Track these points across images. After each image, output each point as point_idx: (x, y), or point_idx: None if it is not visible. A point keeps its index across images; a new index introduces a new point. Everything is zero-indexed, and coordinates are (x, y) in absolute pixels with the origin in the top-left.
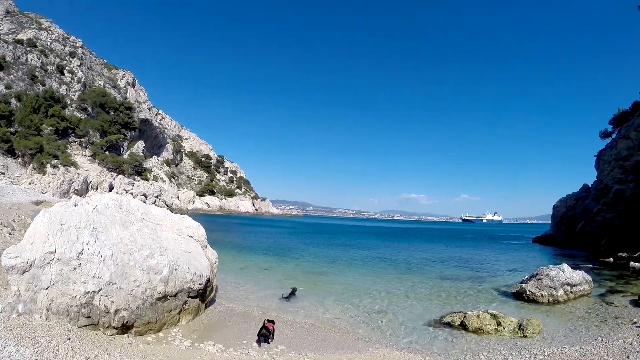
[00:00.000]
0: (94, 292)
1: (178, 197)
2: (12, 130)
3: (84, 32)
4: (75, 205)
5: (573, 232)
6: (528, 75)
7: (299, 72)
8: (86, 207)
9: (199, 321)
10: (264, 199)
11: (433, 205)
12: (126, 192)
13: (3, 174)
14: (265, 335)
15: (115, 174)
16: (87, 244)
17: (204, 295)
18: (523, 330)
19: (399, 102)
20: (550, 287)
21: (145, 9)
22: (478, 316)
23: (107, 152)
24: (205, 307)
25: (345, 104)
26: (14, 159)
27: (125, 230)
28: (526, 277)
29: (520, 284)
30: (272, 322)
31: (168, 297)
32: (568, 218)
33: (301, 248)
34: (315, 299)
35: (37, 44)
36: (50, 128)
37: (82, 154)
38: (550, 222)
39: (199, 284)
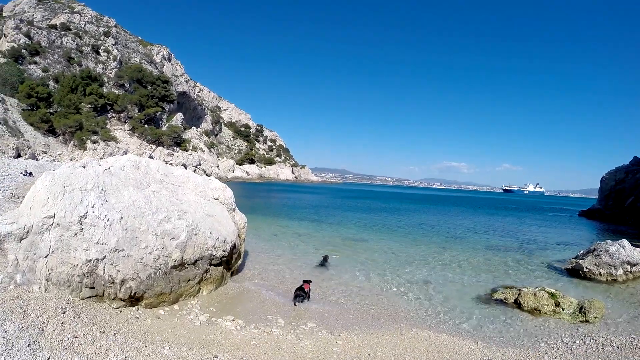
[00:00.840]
0: (97, 259)
1: (218, 166)
2: (51, 110)
3: (117, 13)
4: (84, 167)
5: (622, 207)
6: (575, 42)
7: (341, 42)
8: (96, 169)
9: (223, 292)
10: (303, 167)
11: (474, 174)
12: (166, 163)
13: (45, 152)
14: (300, 295)
15: (155, 146)
16: (92, 207)
17: (230, 262)
18: (585, 313)
19: (442, 71)
20: (610, 265)
21: None
22: (535, 294)
23: (145, 126)
24: (232, 276)
25: (386, 72)
26: (55, 137)
27: (139, 192)
28: (581, 252)
29: (574, 260)
30: (309, 282)
31: (186, 265)
32: (617, 192)
33: (339, 214)
34: (351, 268)
35: (71, 27)
36: (89, 106)
37: (121, 129)
38: (594, 196)
39: (223, 251)
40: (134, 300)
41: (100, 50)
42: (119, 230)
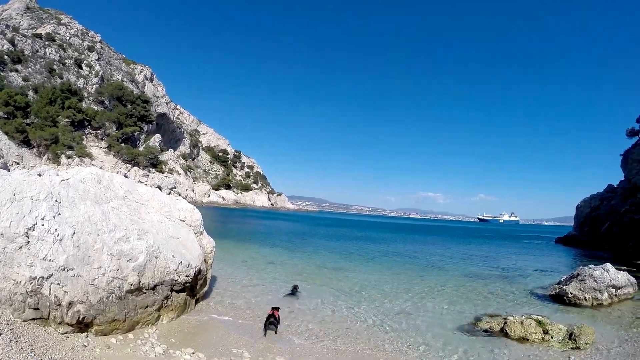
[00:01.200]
0: (42, 277)
1: (193, 190)
2: (28, 121)
3: (103, 28)
4: (39, 175)
5: (598, 233)
6: (543, 74)
7: (317, 70)
8: (52, 178)
9: (185, 320)
10: (279, 194)
11: (449, 204)
12: (141, 184)
13: (18, 163)
14: (272, 323)
15: (131, 165)
16: (42, 218)
17: (194, 289)
18: (575, 340)
19: (417, 101)
20: (595, 289)
21: (163, 6)
22: (522, 322)
23: (122, 144)
24: (196, 303)
25: (363, 103)
26: (29, 149)
27: (97, 207)
28: (564, 277)
29: (557, 285)
30: (277, 308)
31: (143, 290)
32: (592, 219)
33: (314, 242)
34: (325, 298)
35: (56, 38)
36: (67, 120)
37: (97, 146)
38: (567, 224)
39: (186, 276)
40: (82, 325)
41: (82, 65)
42: (70, 247)
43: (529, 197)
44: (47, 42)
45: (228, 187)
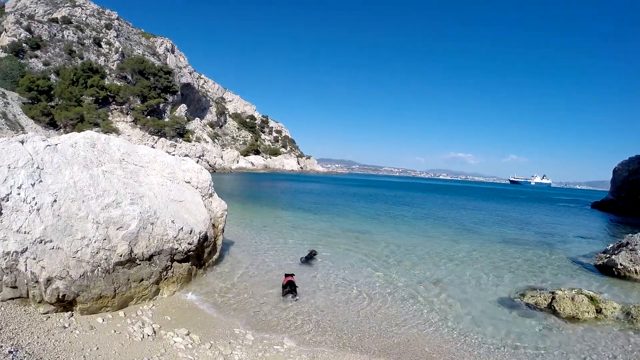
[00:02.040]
0: (16, 252)
1: (222, 157)
2: (52, 104)
3: (119, 6)
4: (22, 142)
5: (636, 199)
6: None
7: (343, 29)
8: (36, 144)
9: (187, 294)
10: (309, 157)
11: (480, 165)
12: (168, 154)
13: None
14: (290, 291)
15: (157, 137)
16: (18, 187)
17: (200, 257)
18: (632, 320)
19: (448, 61)
20: None
21: None
22: (572, 299)
23: (148, 117)
24: (204, 272)
25: (393, 61)
26: (56, 130)
27: (85, 171)
28: (610, 246)
29: (604, 255)
30: (292, 275)
31: (136, 262)
32: (630, 183)
33: (341, 203)
34: (348, 265)
35: (73, 20)
36: (90, 98)
37: (123, 120)
38: (601, 188)
39: (188, 244)
40: (66, 304)
41: (102, 43)
42: (49, 216)
43: (562, 159)
44: (64, 25)
45: (257, 152)
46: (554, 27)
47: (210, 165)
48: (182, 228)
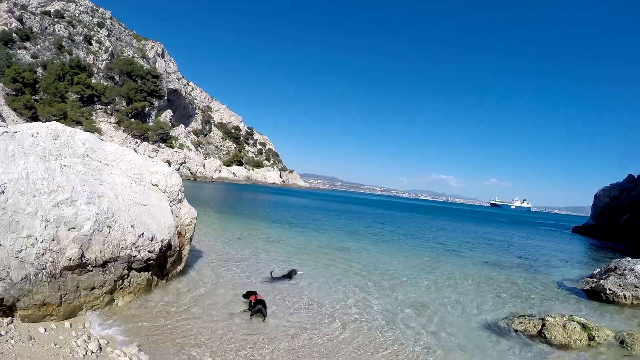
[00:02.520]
0: None
1: (204, 166)
2: (36, 97)
3: (113, 5)
4: None
5: (616, 224)
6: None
7: (330, 48)
8: None
9: (145, 303)
10: (291, 171)
11: (461, 187)
12: (150, 158)
13: None
14: (260, 311)
15: (140, 140)
16: None
17: (163, 267)
18: (627, 347)
19: (433, 81)
20: (636, 287)
21: None
22: (564, 326)
23: (132, 120)
24: (167, 282)
25: (378, 82)
26: None
27: (41, 163)
28: (597, 270)
29: (591, 280)
30: (255, 293)
31: (88, 267)
32: (611, 209)
33: (320, 219)
34: (325, 284)
35: (65, 15)
36: (75, 95)
37: (107, 121)
38: (580, 214)
39: (148, 252)
40: (5, 309)
41: (92, 41)
42: None
43: (542, 184)
44: (56, 19)
45: (240, 163)
46: (537, 47)
47: (191, 173)
48: (142, 234)
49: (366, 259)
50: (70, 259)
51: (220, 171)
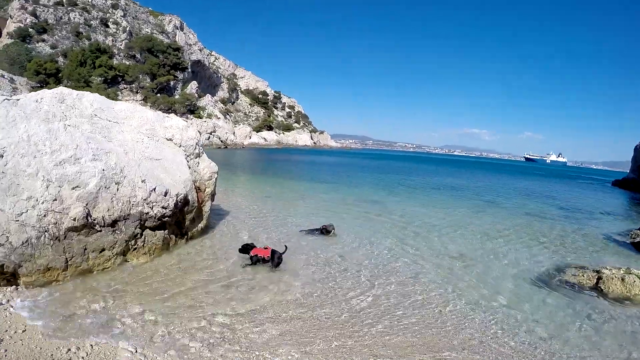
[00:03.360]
0: None
1: (234, 133)
2: (62, 86)
3: None
4: None
5: None
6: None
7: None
8: None
9: (160, 265)
10: (322, 132)
11: (495, 141)
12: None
13: None
14: (278, 263)
15: (168, 114)
16: None
17: (181, 225)
18: None
19: (463, 32)
20: None
21: None
22: (623, 279)
23: (158, 95)
24: (187, 242)
25: (407, 32)
26: None
27: (43, 125)
28: None
29: None
30: (253, 246)
31: (95, 228)
32: None
33: (353, 175)
34: (360, 237)
35: (78, 2)
36: (99, 78)
37: (133, 99)
38: (618, 169)
39: (162, 207)
40: (8, 276)
41: (109, 23)
42: None
43: (578, 138)
44: (69, 8)
45: (269, 128)
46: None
47: (222, 141)
48: (154, 189)
49: (402, 210)
50: (74, 219)
51: (250, 137)
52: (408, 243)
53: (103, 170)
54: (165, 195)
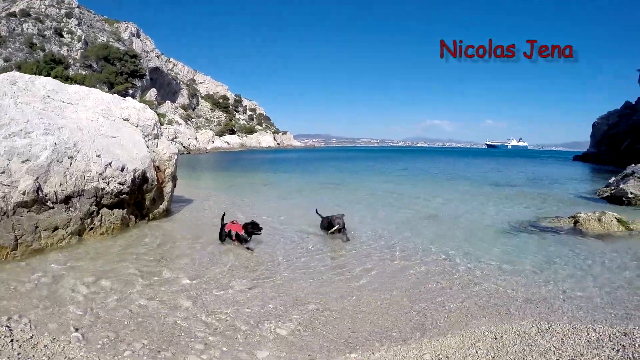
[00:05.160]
0: None
1: (196, 138)
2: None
3: None
4: None
5: (617, 151)
6: None
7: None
8: None
9: (116, 245)
10: (285, 133)
11: (457, 131)
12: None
13: None
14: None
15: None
16: None
17: (141, 205)
18: None
19: (422, 26)
20: None
21: None
22: (599, 219)
23: None
24: (148, 223)
25: (364, 30)
26: None
27: None
28: (613, 179)
29: (608, 189)
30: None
31: (47, 204)
32: (610, 137)
33: (318, 165)
34: (328, 207)
35: (31, 12)
36: None
37: None
38: (577, 149)
39: (119, 183)
40: None
41: (63, 33)
42: None
43: (538, 122)
44: (22, 19)
45: (232, 132)
46: None
47: (184, 147)
48: (110, 163)
49: (370, 187)
50: (24, 193)
51: (213, 142)
52: (379, 212)
53: (55, 144)
54: (122, 171)
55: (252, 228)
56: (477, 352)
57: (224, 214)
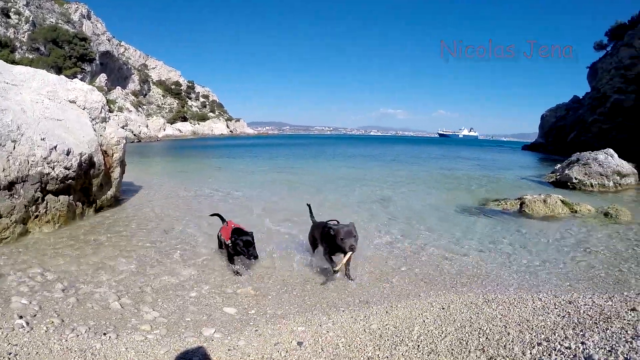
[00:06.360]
0: None
1: (147, 126)
2: None
3: None
4: None
5: (564, 142)
6: None
7: None
8: None
9: (65, 236)
10: (238, 120)
11: (410, 120)
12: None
13: None
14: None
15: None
16: None
17: (89, 191)
18: (611, 217)
19: (377, 11)
20: (601, 175)
21: None
22: (544, 201)
23: None
24: (96, 211)
25: (318, 14)
26: None
27: None
28: (559, 166)
29: (554, 174)
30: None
31: None
32: (558, 129)
33: (271, 151)
34: (278, 194)
35: None
36: None
37: None
38: (526, 140)
39: (65, 168)
40: None
41: (10, 13)
42: None
43: (488, 113)
44: None
45: (184, 119)
46: None
47: (135, 135)
48: (55, 147)
49: (321, 172)
50: None
51: (164, 129)
52: (330, 195)
53: None
54: (67, 155)
55: (238, 239)
56: (424, 322)
57: (217, 214)
